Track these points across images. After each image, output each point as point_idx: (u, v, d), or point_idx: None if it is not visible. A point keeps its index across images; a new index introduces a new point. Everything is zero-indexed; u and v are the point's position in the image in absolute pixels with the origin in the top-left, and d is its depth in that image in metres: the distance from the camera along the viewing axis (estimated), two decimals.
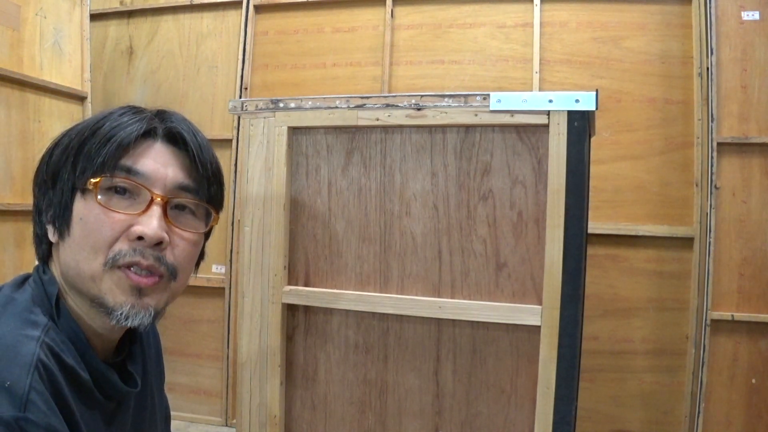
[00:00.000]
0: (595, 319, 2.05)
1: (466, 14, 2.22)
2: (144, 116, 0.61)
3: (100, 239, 0.57)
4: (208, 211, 0.66)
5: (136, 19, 2.56)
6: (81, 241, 0.58)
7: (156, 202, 0.59)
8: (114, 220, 0.58)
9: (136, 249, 0.58)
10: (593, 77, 2.09)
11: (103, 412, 0.61)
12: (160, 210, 0.59)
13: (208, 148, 0.65)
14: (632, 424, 2.06)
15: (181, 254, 0.62)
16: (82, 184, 0.58)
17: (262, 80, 2.41)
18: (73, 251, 0.58)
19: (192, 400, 2.42)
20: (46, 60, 2.05)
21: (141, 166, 0.59)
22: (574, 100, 0.94)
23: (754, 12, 1.90)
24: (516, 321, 0.98)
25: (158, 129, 0.62)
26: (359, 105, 1.05)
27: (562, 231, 0.94)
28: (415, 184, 1.03)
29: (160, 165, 0.61)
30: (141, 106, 0.65)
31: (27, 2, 1.96)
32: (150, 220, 0.58)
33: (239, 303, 1.12)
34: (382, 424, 1.06)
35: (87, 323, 0.60)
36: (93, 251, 0.57)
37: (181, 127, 0.63)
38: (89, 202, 0.58)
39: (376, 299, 1.05)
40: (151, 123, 0.61)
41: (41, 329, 0.54)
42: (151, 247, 0.58)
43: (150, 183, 0.59)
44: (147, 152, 0.60)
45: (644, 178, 2.05)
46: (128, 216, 0.58)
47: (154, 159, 0.60)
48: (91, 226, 0.57)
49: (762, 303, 1.88)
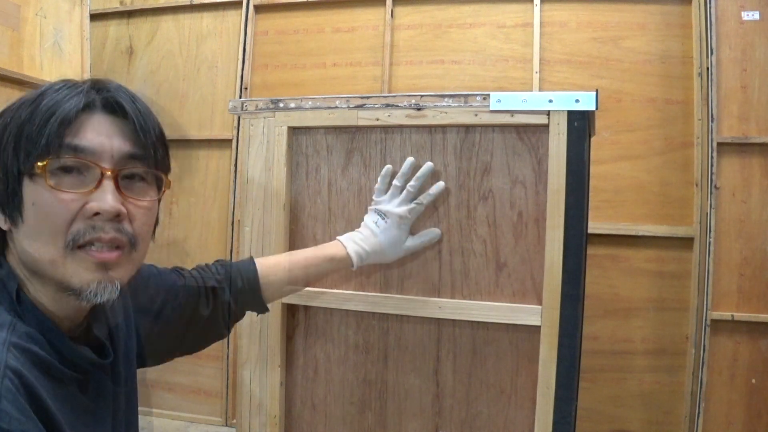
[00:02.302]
0: (595, 319, 2.05)
1: (466, 14, 2.22)
2: (80, 89, 0.60)
3: (56, 222, 0.57)
4: (158, 177, 0.65)
5: (136, 19, 2.56)
6: (37, 227, 0.57)
7: (107, 176, 0.58)
8: (68, 200, 0.57)
9: (94, 226, 0.57)
10: (593, 77, 2.09)
11: (78, 384, 0.62)
12: (112, 183, 0.59)
13: (149, 113, 0.64)
14: (632, 424, 2.06)
15: (138, 223, 0.62)
16: (29, 169, 0.57)
17: (262, 80, 2.41)
18: (30, 237, 0.57)
19: (192, 400, 2.42)
20: (46, 60, 2.05)
21: (86, 141, 0.58)
22: (574, 100, 0.94)
23: (754, 12, 1.90)
24: (516, 321, 0.98)
25: (96, 100, 0.60)
26: (359, 105, 1.05)
27: (562, 231, 0.94)
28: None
29: (104, 137, 0.59)
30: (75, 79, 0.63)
31: (27, 2, 1.96)
32: (104, 195, 0.58)
33: None
34: (382, 424, 1.07)
35: (52, 309, 0.60)
36: (51, 235, 0.57)
37: (119, 95, 0.62)
38: (39, 186, 0.57)
39: (376, 299, 1.05)
40: (89, 95, 0.60)
41: (6, 329, 0.54)
42: (109, 221, 0.58)
43: (97, 157, 0.58)
44: (89, 126, 0.59)
45: (644, 178, 2.05)
46: (81, 194, 0.57)
47: (98, 132, 0.59)
48: (45, 210, 0.57)
49: (762, 303, 1.88)
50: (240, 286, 0.91)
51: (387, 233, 0.98)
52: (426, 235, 1.01)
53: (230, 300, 0.90)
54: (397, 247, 0.99)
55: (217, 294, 0.89)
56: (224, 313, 0.90)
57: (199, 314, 0.86)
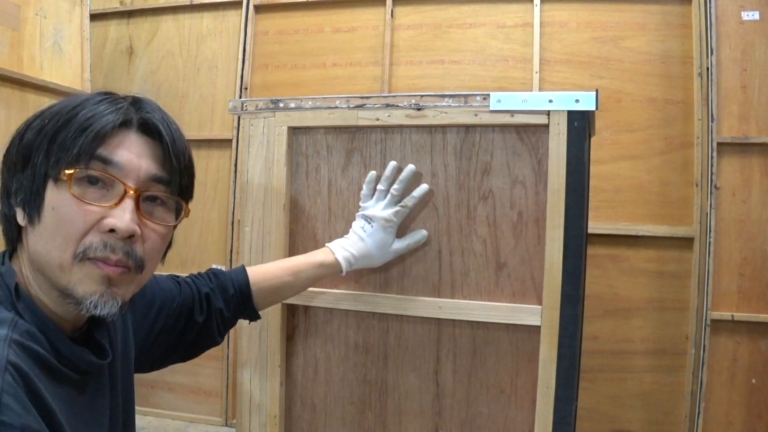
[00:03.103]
0: (595, 319, 2.05)
1: (466, 14, 2.22)
2: (120, 106, 0.61)
3: (72, 231, 0.57)
4: (178, 204, 0.66)
5: (136, 19, 2.56)
6: (52, 231, 0.57)
7: (129, 195, 0.59)
8: (87, 212, 0.57)
9: (107, 243, 0.58)
10: (593, 77, 2.09)
11: (77, 384, 0.62)
12: (133, 203, 0.59)
13: (181, 139, 0.65)
14: (632, 424, 2.06)
15: (150, 247, 0.62)
16: (56, 174, 0.58)
17: (262, 80, 2.41)
18: (44, 239, 0.58)
19: (192, 400, 2.42)
20: (46, 60, 2.05)
21: (116, 157, 0.59)
22: (574, 100, 0.94)
23: (754, 12, 1.90)
24: (516, 321, 0.98)
25: (133, 119, 0.61)
26: (359, 105, 1.05)
27: (562, 231, 0.94)
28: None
29: (134, 156, 0.60)
30: (116, 93, 0.64)
31: (27, 2, 1.96)
32: (123, 213, 0.58)
33: None
34: (382, 424, 1.06)
35: (54, 309, 0.61)
36: (64, 242, 0.57)
37: (155, 117, 0.62)
38: (62, 192, 0.57)
39: (376, 299, 1.05)
40: (128, 113, 0.61)
41: (7, 326, 0.54)
42: (122, 239, 0.58)
43: (124, 174, 0.59)
44: (122, 143, 0.60)
45: (644, 178, 2.05)
46: (101, 208, 0.58)
47: (129, 150, 0.60)
48: (63, 216, 0.57)
49: (762, 303, 1.88)
50: (232, 293, 0.92)
51: (374, 237, 0.99)
52: (412, 237, 1.02)
53: (222, 307, 0.90)
54: (385, 250, 1.00)
55: (210, 301, 0.90)
56: (217, 319, 0.90)
57: (194, 320, 0.87)
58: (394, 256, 1.02)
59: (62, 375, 0.59)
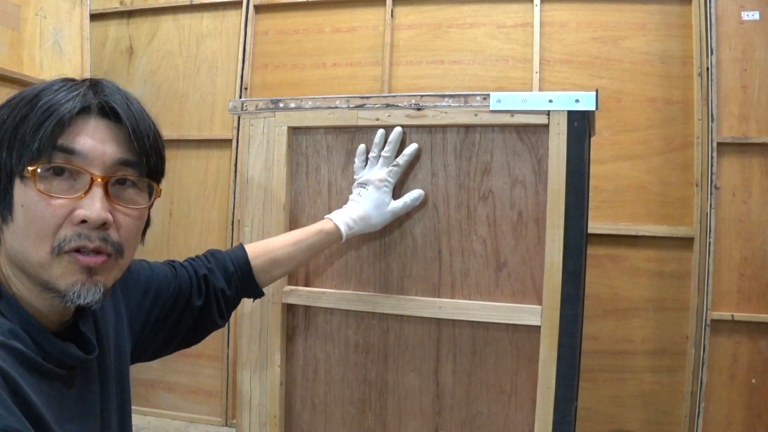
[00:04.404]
0: (595, 319, 2.05)
1: (466, 14, 2.22)
2: (78, 92, 0.59)
3: (44, 227, 0.57)
4: (150, 185, 0.65)
5: (136, 19, 2.56)
6: (25, 229, 0.57)
7: (96, 183, 0.58)
8: (56, 206, 0.57)
9: (81, 233, 0.57)
10: (593, 77, 2.09)
11: (64, 379, 0.62)
12: (102, 191, 0.58)
13: (144, 119, 0.63)
14: (632, 424, 2.06)
15: (126, 231, 0.61)
16: (20, 170, 0.57)
17: (262, 80, 2.41)
18: (19, 237, 0.57)
19: (192, 400, 2.42)
20: (46, 60, 2.05)
21: (78, 146, 0.58)
22: (574, 100, 0.94)
23: (754, 12, 1.90)
24: (516, 321, 0.98)
25: (93, 104, 0.60)
26: (359, 105, 1.05)
27: (562, 231, 0.94)
28: (415, 184, 1.03)
29: (97, 142, 0.59)
30: (74, 78, 0.62)
31: (27, 2, 1.96)
32: (92, 202, 0.57)
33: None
34: (382, 424, 1.06)
35: (37, 306, 0.60)
36: (38, 238, 0.57)
37: (115, 100, 0.61)
38: (29, 189, 0.57)
39: (376, 299, 1.05)
40: (86, 99, 0.59)
41: None
42: (95, 229, 0.58)
43: (88, 163, 0.58)
44: (83, 130, 0.59)
45: (644, 178, 2.05)
46: (70, 200, 0.57)
47: (91, 136, 0.59)
48: (33, 213, 0.57)
49: (762, 303, 1.88)
50: (232, 270, 0.92)
51: (369, 198, 1.00)
52: (409, 196, 1.02)
53: (224, 286, 0.90)
54: (382, 210, 1.00)
55: (209, 282, 0.89)
56: (218, 301, 0.90)
57: (192, 304, 0.86)
58: (392, 216, 1.02)
59: (47, 371, 0.59)
